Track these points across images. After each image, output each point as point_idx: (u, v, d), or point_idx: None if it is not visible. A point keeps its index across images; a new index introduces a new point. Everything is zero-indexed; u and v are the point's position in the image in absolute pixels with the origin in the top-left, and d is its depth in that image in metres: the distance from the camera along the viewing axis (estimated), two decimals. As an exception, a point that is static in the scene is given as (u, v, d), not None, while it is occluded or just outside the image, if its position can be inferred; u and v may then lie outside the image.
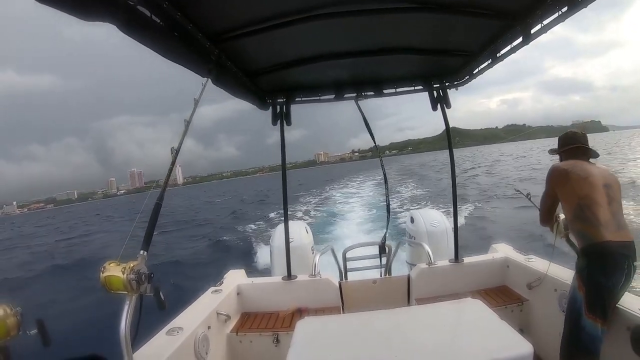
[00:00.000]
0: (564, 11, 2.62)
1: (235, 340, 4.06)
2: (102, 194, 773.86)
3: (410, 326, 2.60)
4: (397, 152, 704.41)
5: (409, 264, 6.10)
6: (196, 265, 15.84)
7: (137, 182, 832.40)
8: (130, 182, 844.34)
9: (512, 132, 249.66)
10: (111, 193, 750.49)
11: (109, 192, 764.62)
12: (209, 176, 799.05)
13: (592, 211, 2.98)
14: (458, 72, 4.44)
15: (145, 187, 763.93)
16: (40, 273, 19.26)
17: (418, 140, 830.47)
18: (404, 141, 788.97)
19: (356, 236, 14.79)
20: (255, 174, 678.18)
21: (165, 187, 2.49)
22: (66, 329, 9.17)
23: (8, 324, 1.74)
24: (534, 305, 4.07)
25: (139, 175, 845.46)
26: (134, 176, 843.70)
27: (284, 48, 3.56)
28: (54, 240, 38.39)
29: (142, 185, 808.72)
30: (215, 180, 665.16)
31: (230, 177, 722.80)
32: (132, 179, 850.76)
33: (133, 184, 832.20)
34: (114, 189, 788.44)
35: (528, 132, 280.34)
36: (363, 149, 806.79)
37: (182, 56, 2.63)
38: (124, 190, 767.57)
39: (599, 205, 2.98)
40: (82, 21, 1.66)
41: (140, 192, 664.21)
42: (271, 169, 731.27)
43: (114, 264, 2.15)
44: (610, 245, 2.87)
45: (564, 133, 3.57)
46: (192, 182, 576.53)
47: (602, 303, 2.83)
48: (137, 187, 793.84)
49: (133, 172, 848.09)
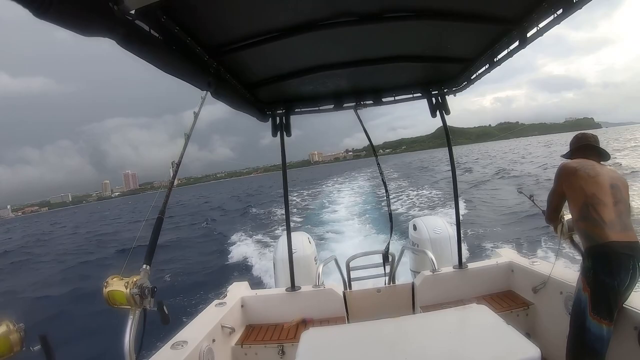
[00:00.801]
0: (559, 14, 2.65)
1: (240, 352, 4.04)
2: (96, 196, 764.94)
3: (416, 334, 2.60)
4: (391, 151, 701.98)
5: (412, 271, 6.08)
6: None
7: (132, 184, 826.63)
8: (124, 184, 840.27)
9: (505, 129, 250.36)
10: (105, 195, 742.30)
11: (104, 195, 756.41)
12: (204, 177, 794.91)
13: (598, 211, 2.98)
14: (456, 78, 4.46)
15: (140, 188, 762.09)
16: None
17: (412, 139, 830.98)
18: (398, 140, 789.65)
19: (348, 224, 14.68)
20: (249, 175, 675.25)
21: (167, 200, 2.49)
22: (70, 344, 9.19)
23: (11, 340, 1.73)
24: (539, 309, 4.05)
25: (133, 177, 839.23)
26: (128, 178, 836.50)
27: (283, 60, 3.57)
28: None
29: (136, 187, 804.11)
30: (210, 181, 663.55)
31: (225, 177, 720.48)
32: (126, 180, 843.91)
33: (127, 185, 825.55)
34: (108, 191, 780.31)
35: (519, 129, 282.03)
36: (357, 149, 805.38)
37: (181, 70, 2.64)
38: (118, 193, 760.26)
39: (604, 205, 2.99)
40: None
41: (135, 194, 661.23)
42: (265, 169, 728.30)
43: (117, 279, 2.15)
44: (615, 245, 2.87)
45: (576, 134, 3.61)
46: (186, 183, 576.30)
47: (607, 304, 2.82)
48: (131, 189, 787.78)
49: (127, 173, 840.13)
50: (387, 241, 5.34)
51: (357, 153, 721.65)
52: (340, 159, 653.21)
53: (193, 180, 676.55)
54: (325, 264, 5.13)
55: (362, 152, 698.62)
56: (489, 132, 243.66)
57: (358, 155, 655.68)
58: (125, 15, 1.87)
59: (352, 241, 16.49)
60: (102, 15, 1.72)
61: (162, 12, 2.15)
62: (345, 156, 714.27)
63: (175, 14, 2.26)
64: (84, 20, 1.64)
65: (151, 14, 2.09)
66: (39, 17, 1.39)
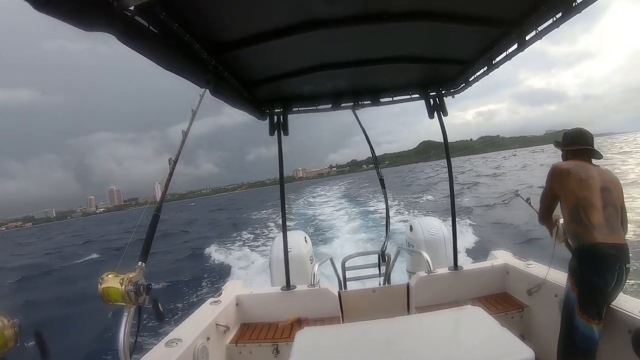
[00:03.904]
0: (558, 17, 2.68)
1: (235, 351, 4.03)
2: (81, 212, 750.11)
3: (410, 335, 2.61)
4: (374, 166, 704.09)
5: (408, 272, 6.10)
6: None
7: (117, 199, 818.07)
8: (109, 200, 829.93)
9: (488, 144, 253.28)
10: (90, 211, 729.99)
11: (88, 210, 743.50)
12: (189, 193, 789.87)
13: (587, 213, 3.03)
14: (454, 80, 4.49)
15: (125, 204, 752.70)
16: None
17: (395, 154, 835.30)
18: (382, 155, 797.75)
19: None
20: (234, 191, 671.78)
21: (163, 197, 2.49)
22: (65, 340, 9.05)
23: (5, 335, 1.71)
24: (534, 311, 4.08)
25: (117, 192, 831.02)
26: (113, 194, 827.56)
27: (282, 59, 3.58)
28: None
29: (121, 203, 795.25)
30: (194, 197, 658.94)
31: (210, 194, 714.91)
32: (111, 196, 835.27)
33: (112, 201, 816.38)
34: (93, 207, 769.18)
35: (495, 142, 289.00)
36: (341, 164, 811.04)
37: (180, 67, 2.64)
38: (103, 209, 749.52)
39: (594, 208, 3.02)
40: (82, 31, 1.67)
41: (120, 209, 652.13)
42: (250, 185, 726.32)
43: (112, 275, 2.14)
44: (601, 246, 2.92)
45: (571, 129, 3.54)
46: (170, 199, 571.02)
47: (595, 303, 2.86)
48: (117, 205, 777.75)
49: (112, 189, 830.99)
50: (383, 242, 5.37)
51: (340, 169, 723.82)
52: (324, 175, 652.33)
53: (178, 196, 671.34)
54: (321, 264, 5.14)
55: (345, 168, 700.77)
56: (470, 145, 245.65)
57: (342, 171, 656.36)
58: (124, 11, 1.87)
59: (348, 241, 16.81)
60: (102, 10, 1.72)
61: (162, 8, 2.15)
62: (330, 172, 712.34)
63: (175, 10, 2.26)
64: (83, 15, 1.65)
65: (150, 10, 2.09)
66: (39, 9, 1.39)
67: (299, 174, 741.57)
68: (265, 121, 4.76)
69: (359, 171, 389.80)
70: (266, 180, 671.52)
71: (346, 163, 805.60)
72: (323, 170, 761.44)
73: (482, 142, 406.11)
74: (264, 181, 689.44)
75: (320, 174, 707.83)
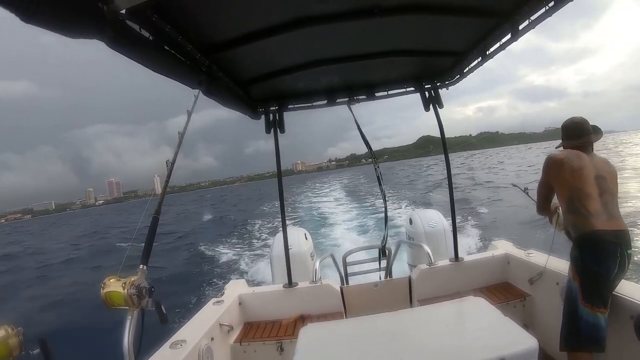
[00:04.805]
0: (551, 6, 2.67)
1: (239, 350, 4.04)
2: (80, 204, 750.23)
3: (414, 327, 2.62)
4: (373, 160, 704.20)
5: (409, 265, 6.13)
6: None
7: (116, 192, 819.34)
8: (108, 192, 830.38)
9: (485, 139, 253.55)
10: (90, 203, 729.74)
11: (88, 203, 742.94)
12: (188, 186, 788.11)
13: (582, 203, 3.03)
14: (449, 71, 4.48)
15: (124, 197, 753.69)
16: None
17: (394, 149, 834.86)
18: (380, 150, 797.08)
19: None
20: (233, 184, 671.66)
21: (162, 199, 2.48)
22: (69, 346, 9.04)
23: (10, 344, 1.71)
24: (536, 300, 4.08)
25: (117, 185, 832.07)
26: (112, 186, 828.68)
27: (275, 56, 3.57)
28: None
29: (120, 196, 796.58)
30: (193, 190, 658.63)
31: (209, 186, 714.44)
32: (110, 189, 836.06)
33: (112, 194, 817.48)
34: (92, 199, 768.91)
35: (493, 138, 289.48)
36: (340, 158, 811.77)
37: (173, 69, 2.63)
38: (102, 201, 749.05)
39: (589, 197, 3.02)
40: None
41: (119, 202, 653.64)
42: (249, 178, 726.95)
43: (114, 279, 2.13)
44: (601, 234, 2.92)
45: (568, 122, 3.45)
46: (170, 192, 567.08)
47: (598, 292, 2.86)
48: (115, 197, 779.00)
49: (111, 181, 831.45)
50: (384, 236, 5.34)
51: (340, 162, 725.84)
52: (323, 169, 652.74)
53: (177, 189, 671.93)
54: (322, 260, 5.15)
55: (344, 162, 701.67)
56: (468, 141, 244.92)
57: (341, 165, 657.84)
58: (115, 16, 1.84)
59: (348, 236, 16.86)
60: (92, 17, 1.69)
61: (153, 11, 2.14)
62: (329, 165, 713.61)
63: (166, 12, 2.25)
64: (73, 23, 1.61)
65: (141, 13, 2.07)
66: (26, 21, 1.34)
67: (297, 167, 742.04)
68: (261, 119, 4.76)
69: (358, 165, 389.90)
70: (265, 174, 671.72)
71: (345, 157, 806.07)
72: (322, 163, 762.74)
73: (480, 138, 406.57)
74: (263, 174, 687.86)
75: (319, 167, 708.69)
